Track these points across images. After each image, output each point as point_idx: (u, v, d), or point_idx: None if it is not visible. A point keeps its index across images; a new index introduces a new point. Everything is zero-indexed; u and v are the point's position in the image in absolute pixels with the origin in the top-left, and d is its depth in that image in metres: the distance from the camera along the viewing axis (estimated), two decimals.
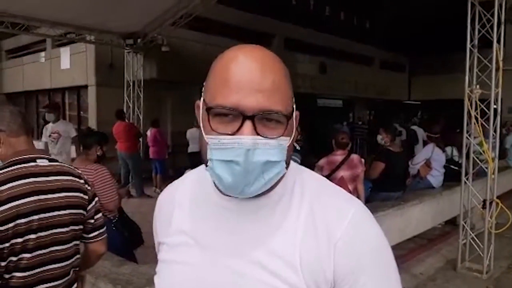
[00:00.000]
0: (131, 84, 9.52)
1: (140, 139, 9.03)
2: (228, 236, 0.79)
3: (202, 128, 0.75)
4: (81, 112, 12.09)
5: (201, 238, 0.82)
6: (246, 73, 0.72)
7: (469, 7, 4.31)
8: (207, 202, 0.83)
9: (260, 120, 0.71)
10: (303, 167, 0.87)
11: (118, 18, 7.76)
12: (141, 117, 9.59)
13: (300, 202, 0.80)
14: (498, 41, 4.20)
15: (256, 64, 0.73)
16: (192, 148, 9.21)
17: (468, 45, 4.40)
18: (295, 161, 3.32)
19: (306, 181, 0.83)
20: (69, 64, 11.33)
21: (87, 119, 11.33)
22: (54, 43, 11.90)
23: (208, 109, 0.73)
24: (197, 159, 0.96)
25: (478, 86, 4.37)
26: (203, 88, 0.80)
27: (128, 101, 9.58)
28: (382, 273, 0.79)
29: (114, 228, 3.33)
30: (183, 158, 9.34)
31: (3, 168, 1.51)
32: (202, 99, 0.78)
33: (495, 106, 4.30)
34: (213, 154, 0.72)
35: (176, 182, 0.97)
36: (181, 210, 0.87)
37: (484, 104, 4.34)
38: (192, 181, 0.90)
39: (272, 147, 0.72)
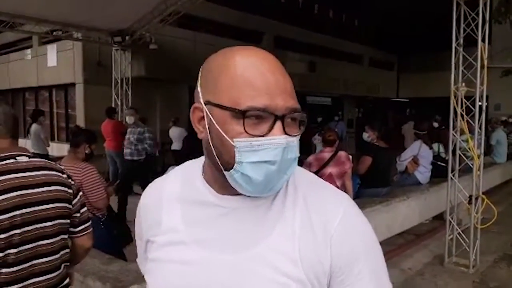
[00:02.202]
0: (119, 81, 9.46)
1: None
2: (227, 234, 0.80)
3: (222, 132, 0.74)
4: (69, 110, 11.98)
5: (198, 237, 0.81)
6: (271, 75, 0.74)
7: (455, 6, 4.37)
8: (201, 201, 0.83)
9: (286, 119, 0.74)
10: None
11: (106, 15, 7.70)
12: None
13: (295, 197, 0.82)
14: (483, 40, 4.27)
15: (275, 66, 0.76)
16: (175, 146, 9.31)
17: (454, 44, 4.46)
18: None
19: (297, 177, 0.85)
20: (56, 62, 11.21)
21: (75, 117, 11.23)
22: (41, 40, 11.77)
23: (241, 112, 0.71)
24: (181, 156, 0.96)
25: (463, 84, 4.43)
26: (203, 90, 0.78)
27: (116, 99, 9.51)
28: (373, 261, 0.83)
29: (102, 227, 3.32)
30: (170, 156, 9.34)
31: None
32: (205, 101, 0.77)
33: (480, 103, 4.36)
34: (244, 157, 0.73)
35: (159, 181, 0.95)
36: (172, 210, 0.86)
37: (470, 102, 4.41)
38: (180, 180, 0.89)
39: (295, 144, 0.76)
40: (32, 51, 12.31)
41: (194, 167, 0.89)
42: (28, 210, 1.51)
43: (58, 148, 10.75)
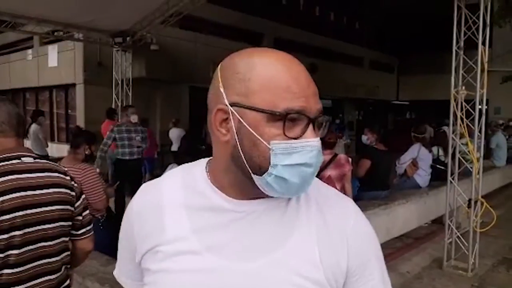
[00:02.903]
0: (120, 82, 9.46)
1: None
2: (243, 239, 0.78)
3: (256, 135, 0.72)
4: (69, 111, 11.99)
5: (211, 244, 0.78)
6: (303, 78, 0.75)
7: (456, 10, 4.37)
8: (210, 207, 0.80)
9: (317, 122, 0.76)
10: None
11: (107, 16, 7.70)
12: None
13: (307, 202, 0.83)
14: (484, 43, 4.27)
15: (303, 69, 0.77)
16: (174, 147, 9.35)
17: (454, 47, 4.46)
18: None
19: None
20: (56, 62, 11.23)
21: (75, 117, 11.24)
22: (42, 40, 11.79)
23: (281, 115, 0.71)
24: (178, 155, 0.94)
25: (463, 87, 4.44)
26: (230, 92, 0.75)
27: (116, 99, 9.51)
28: (380, 261, 0.88)
29: (101, 228, 3.33)
30: (171, 157, 9.34)
31: None
32: (231, 103, 0.74)
33: (480, 107, 4.36)
34: (280, 160, 0.72)
35: (152, 185, 0.90)
36: (176, 217, 0.82)
37: (470, 105, 4.41)
38: (181, 185, 0.85)
39: (320, 146, 0.76)
40: (33, 51, 12.33)
41: (194, 172, 0.86)
42: (30, 211, 1.51)
43: (58, 149, 10.75)
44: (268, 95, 0.72)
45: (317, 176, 3.33)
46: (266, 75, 0.74)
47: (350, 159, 4.60)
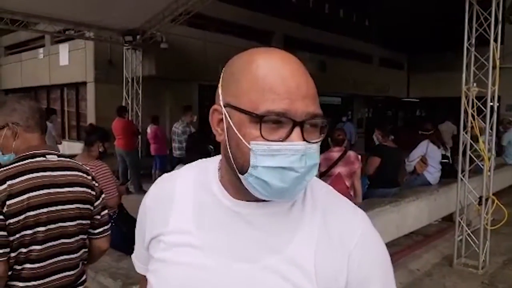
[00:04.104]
0: (130, 81, 9.54)
1: (140, 137, 9.08)
2: (240, 241, 0.78)
3: (239, 135, 0.73)
4: (80, 109, 12.11)
5: (210, 241, 0.79)
6: (292, 79, 0.72)
7: (467, 6, 4.33)
8: (214, 205, 0.81)
9: (306, 125, 0.72)
10: None
11: (117, 15, 7.77)
12: (139, 114, 9.62)
13: (313, 209, 0.81)
14: (495, 40, 4.24)
15: (297, 69, 0.74)
16: None
17: (466, 44, 4.43)
18: None
19: (314, 187, 0.84)
20: (67, 61, 11.33)
21: (86, 115, 11.35)
22: (53, 39, 11.91)
23: (259, 116, 0.70)
24: (189, 155, 0.96)
25: (475, 84, 4.40)
26: (224, 92, 0.77)
27: (126, 98, 9.59)
28: (386, 279, 0.83)
29: (113, 224, 3.37)
30: None
31: (14, 162, 1.54)
32: (224, 104, 0.76)
33: (491, 104, 4.33)
34: (260, 161, 0.71)
35: (167, 177, 0.93)
36: (183, 210, 0.83)
37: (481, 102, 4.38)
38: (193, 180, 0.87)
39: (315, 150, 0.74)
40: (44, 50, 12.46)
41: (209, 168, 0.87)
42: (53, 208, 1.55)
43: (69, 146, 10.87)
44: (254, 96, 0.72)
45: (326, 173, 3.36)
46: (255, 75, 0.73)
47: (359, 157, 4.60)
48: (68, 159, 1.71)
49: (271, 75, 0.72)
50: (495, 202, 4.53)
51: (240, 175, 0.75)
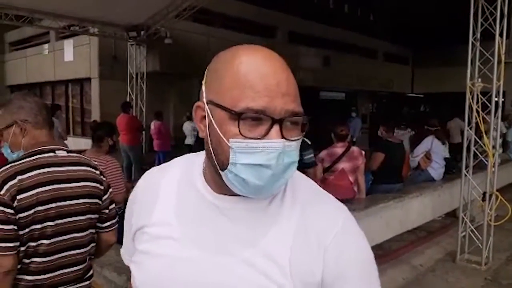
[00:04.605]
0: (134, 76, 9.56)
1: (143, 132, 9.12)
2: (220, 235, 0.79)
3: (219, 132, 0.73)
4: (84, 105, 12.16)
5: (191, 234, 0.80)
6: (272, 77, 0.72)
7: (472, 1, 4.31)
8: (196, 199, 0.82)
9: (285, 123, 0.72)
10: None
11: (122, 11, 7.78)
12: (144, 110, 9.65)
13: (292, 204, 0.81)
14: (501, 35, 4.21)
15: (278, 67, 0.74)
16: (188, 140, 9.53)
17: (471, 39, 4.40)
18: (310, 154, 3.39)
19: (297, 183, 0.84)
20: (72, 57, 11.38)
21: (90, 111, 11.40)
22: (58, 35, 11.95)
23: (237, 114, 0.70)
24: (194, 151, 0.96)
25: (480, 80, 4.38)
26: (207, 89, 0.78)
27: (131, 93, 9.63)
28: (366, 280, 0.81)
29: (119, 220, 3.41)
30: (185, 150, 9.44)
31: (24, 158, 1.56)
32: (207, 101, 0.77)
33: (496, 99, 4.31)
34: (238, 158, 0.72)
35: (156, 170, 0.94)
36: (166, 202, 0.85)
37: (486, 97, 4.36)
38: (179, 174, 0.88)
39: (294, 148, 0.74)
40: (49, 46, 12.51)
41: (195, 162, 0.88)
42: (62, 203, 1.57)
43: (74, 142, 10.93)
44: (235, 93, 0.72)
45: (330, 168, 3.36)
46: (235, 73, 0.73)
47: (363, 152, 4.60)
48: (77, 155, 1.73)
49: (252, 72, 0.72)
50: (499, 198, 4.52)
51: (220, 171, 0.76)
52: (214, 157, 0.76)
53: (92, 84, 11.01)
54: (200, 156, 0.88)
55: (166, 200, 0.85)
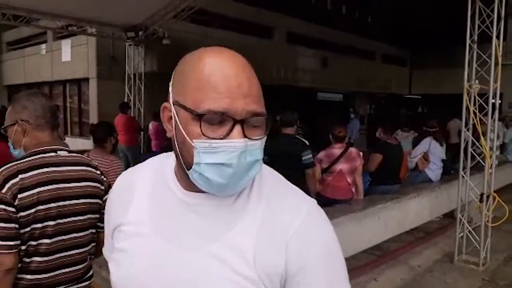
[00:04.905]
0: (132, 77, 9.55)
1: (141, 133, 9.11)
2: (188, 230, 0.81)
3: (184, 133, 0.76)
4: (82, 105, 12.13)
5: (161, 231, 0.83)
6: (234, 78, 0.74)
7: (470, 3, 4.33)
8: (168, 196, 0.85)
9: (247, 123, 0.75)
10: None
11: (120, 11, 7.77)
12: (142, 110, 9.64)
13: (258, 199, 0.83)
14: (498, 37, 4.23)
15: (240, 69, 0.76)
16: None
17: (468, 41, 4.42)
18: (308, 155, 3.39)
19: (264, 178, 0.86)
20: (70, 57, 11.35)
21: (88, 111, 11.37)
22: (55, 35, 11.91)
23: (198, 115, 0.73)
24: None
25: (477, 81, 4.40)
26: (174, 90, 0.80)
27: (129, 94, 9.61)
28: (330, 267, 0.83)
29: None
30: None
31: (26, 157, 1.57)
32: (173, 101, 0.79)
33: (493, 101, 4.33)
34: (202, 158, 0.74)
35: (131, 170, 0.98)
36: (141, 200, 0.88)
37: (483, 99, 4.38)
38: (152, 172, 0.91)
39: (258, 147, 0.77)
40: (47, 46, 12.47)
41: (167, 162, 0.91)
42: (63, 203, 1.58)
43: (71, 142, 10.86)
44: (197, 95, 0.74)
45: (328, 169, 3.39)
46: (199, 75, 0.75)
47: (361, 153, 4.61)
48: (78, 155, 1.74)
49: (214, 74, 0.74)
50: (496, 199, 4.54)
51: (187, 171, 0.78)
52: (180, 157, 0.79)
53: (90, 84, 10.99)
54: (172, 156, 0.90)
55: (140, 198, 0.88)
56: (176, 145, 0.80)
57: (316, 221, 0.83)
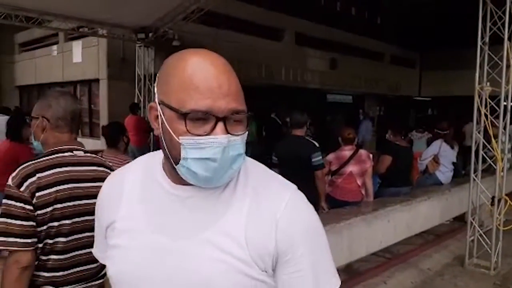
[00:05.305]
0: (142, 78, 9.60)
1: (151, 133, 9.15)
2: (180, 221, 0.86)
3: (170, 131, 0.81)
4: (92, 106, 12.23)
5: (154, 224, 0.88)
6: (215, 79, 0.80)
7: (481, 4, 4.30)
8: (158, 191, 0.90)
9: (229, 120, 0.80)
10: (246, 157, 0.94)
11: (130, 13, 7.83)
12: None
13: (244, 188, 0.89)
14: (509, 39, 4.19)
15: (221, 70, 0.82)
16: None
17: (479, 42, 4.39)
18: (318, 157, 3.40)
19: (249, 168, 0.92)
20: (81, 58, 11.45)
21: (98, 112, 11.46)
22: (67, 36, 12.03)
23: (183, 114, 0.79)
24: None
25: (488, 83, 4.37)
26: (159, 91, 0.85)
27: (139, 95, 9.67)
28: (316, 244, 0.90)
29: None
30: None
31: (43, 156, 1.62)
32: (159, 101, 0.84)
33: (505, 103, 4.29)
34: (189, 154, 0.80)
35: (125, 167, 1.03)
36: (131, 196, 0.93)
37: (494, 102, 4.34)
38: (142, 169, 0.96)
39: (240, 142, 0.83)
40: (58, 47, 12.59)
41: (156, 158, 0.95)
42: (79, 202, 1.61)
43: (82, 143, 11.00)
44: (181, 95, 0.80)
45: (338, 171, 3.39)
46: (182, 76, 0.81)
47: (371, 155, 4.60)
48: (94, 155, 1.79)
49: (196, 75, 0.80)
50: (508, 203, 4.50)
51: (175, 166, 0.83)
52: (168, 153, 0.85)
53: (101, 85, 11.07)
54: (160, 153, 0.95)
55: (131, 194, 0.93)
56: (164, 142, 0.85)
57: (300, 204, 0.90)
